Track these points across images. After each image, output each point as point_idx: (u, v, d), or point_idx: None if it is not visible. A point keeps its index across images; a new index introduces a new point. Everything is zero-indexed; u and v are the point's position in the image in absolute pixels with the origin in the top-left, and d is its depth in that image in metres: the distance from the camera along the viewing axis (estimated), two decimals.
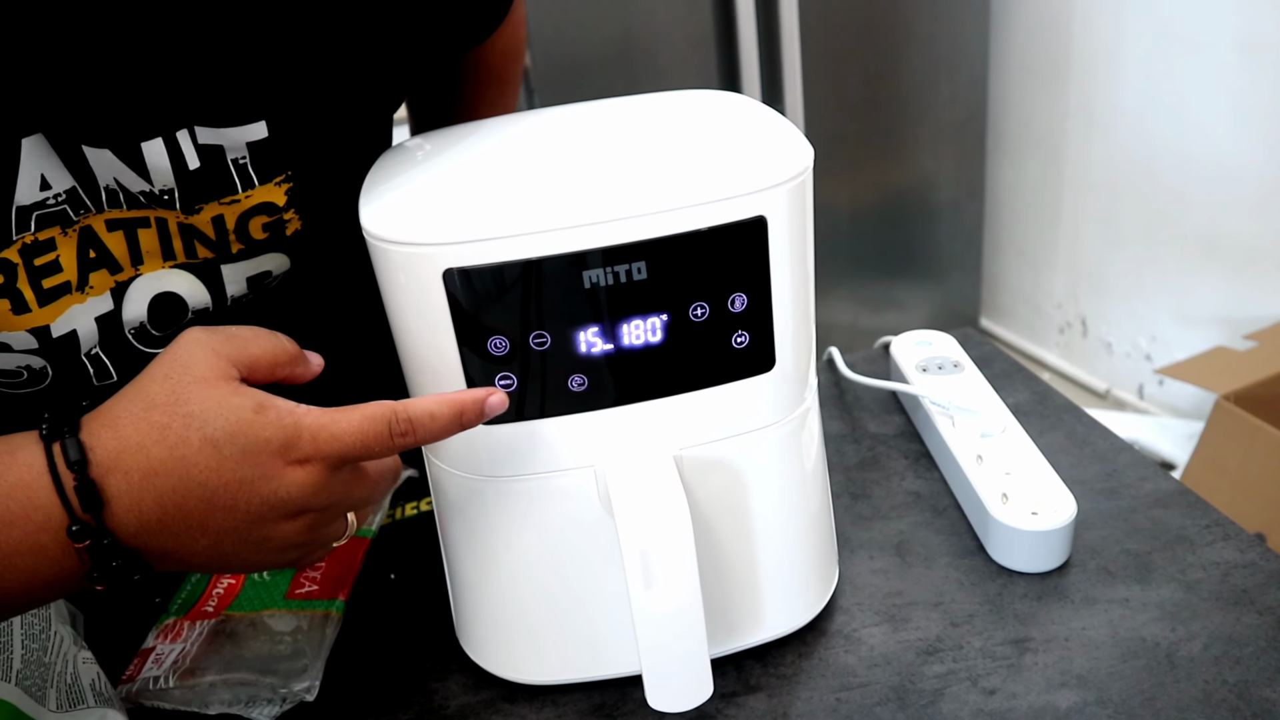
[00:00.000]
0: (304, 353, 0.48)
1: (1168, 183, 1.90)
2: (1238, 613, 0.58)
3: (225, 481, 0.42)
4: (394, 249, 0.46)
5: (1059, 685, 0.54)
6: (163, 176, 0.50)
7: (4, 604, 0.42)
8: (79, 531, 0.41)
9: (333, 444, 0.43)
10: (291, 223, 0.56)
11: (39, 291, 0.49)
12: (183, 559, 0.44)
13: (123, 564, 0.42)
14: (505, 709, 0.57)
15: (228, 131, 0.51)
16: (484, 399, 0.47)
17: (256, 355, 0.46)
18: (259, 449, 0.42)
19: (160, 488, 0.42)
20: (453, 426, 0.46)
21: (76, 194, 0.49)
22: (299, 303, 0.62)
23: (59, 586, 0.43)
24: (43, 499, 0.41)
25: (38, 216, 0.48)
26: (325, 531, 0.47)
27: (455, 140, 0.56)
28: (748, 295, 0.48)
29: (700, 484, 0.52)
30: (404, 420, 0.44)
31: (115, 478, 0.41)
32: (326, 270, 0.63)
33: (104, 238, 0.51)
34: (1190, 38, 1.78)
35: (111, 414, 0.42)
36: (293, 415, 0.43)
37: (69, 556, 0.42)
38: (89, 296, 0.52)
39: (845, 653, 0.58)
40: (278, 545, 0.45)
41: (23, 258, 0.49)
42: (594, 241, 0.45)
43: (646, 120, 0.56)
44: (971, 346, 0.85)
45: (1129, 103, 1.92)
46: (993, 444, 0.68)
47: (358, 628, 0.63)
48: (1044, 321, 2.32)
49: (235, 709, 0.58)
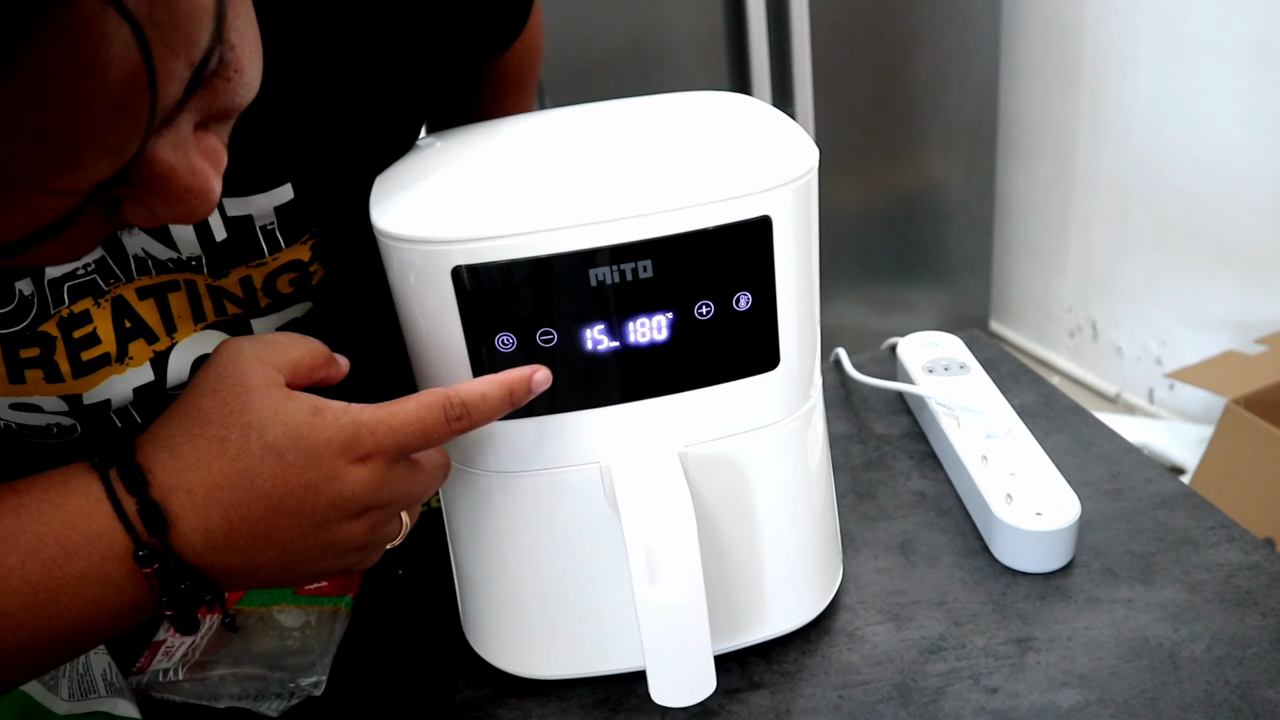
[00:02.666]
0: (334, 354, 0.49)
1: (1179, 186, 1.89)
2: (1241, 614, 0.58)
3: (290, 488, 0.42)
4: (404, 247, 0.47)
5: (1061, 685, 0.54)
6: (189, 246, 0.50)
7: (72, 639, 0.42)
8: (146, 556, 0.40)
9: (391, 436, 0.43)
10: (316, 274, 0.56)
11: (76, 364, 0.49)
12: (250, 572, 0.43)
13: (192, 585, 0.42)
14: (511, 703, 0.57)
15: (255, 199, 0.51)
16: (530, 375, 0.47)
17: (296, 359, 0.46)
18: (321, 450, 0.42)
19: (225, 501, 0.41)
20: (504, 405, 0.46)
21: (106, 263, 0.49)
22: (323, 333, 0.62)
23: (127, 615, 0.42)
24: (104, 525, 0.40)
25: (70, 288, 0.48)
26: (384, 531, 0.47)
27: (465, 139, 0.56)
28: (752, 294, 0.49)
29: (705, 481, 0.53)
30: (458, 404, 0.45)
31: (178, 496, 0.41)
32: (348, 302, 0.63)
33: (137, 307, 0.51)
34: (1202, 41, 1.77)
35: (165, 434, 0.42)
36: (349, 413, 0.43)
37: (137, 583, 0.41)
38: (129, 367, 0.51)
39: (848, 650, 0.58)
40: (341, 548, 0.45)
41: (61, 330, 0.48)
42: (601, 240, 0.46)
43: (653, 120, 0.56)
44: (978, 348, 0.85)
45: (1140, 106, 1.92)
46: (998, 445, 0.68)
47: (366, 623, 0.64)
48: (1054, 325, 2.31)
49: (244, 703, 0.58)
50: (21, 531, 0.40)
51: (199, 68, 0.32)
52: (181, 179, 0.34)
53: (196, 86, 0.33)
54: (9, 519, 0.40)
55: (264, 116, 0.45)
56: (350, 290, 0.60)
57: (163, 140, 0.33)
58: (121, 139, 0.30)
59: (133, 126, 0.30)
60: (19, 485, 0.41)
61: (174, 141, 0.34)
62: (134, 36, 0.28)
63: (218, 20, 0.32)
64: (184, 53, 0.31)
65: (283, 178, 0.52)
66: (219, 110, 0.36)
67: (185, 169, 0.34)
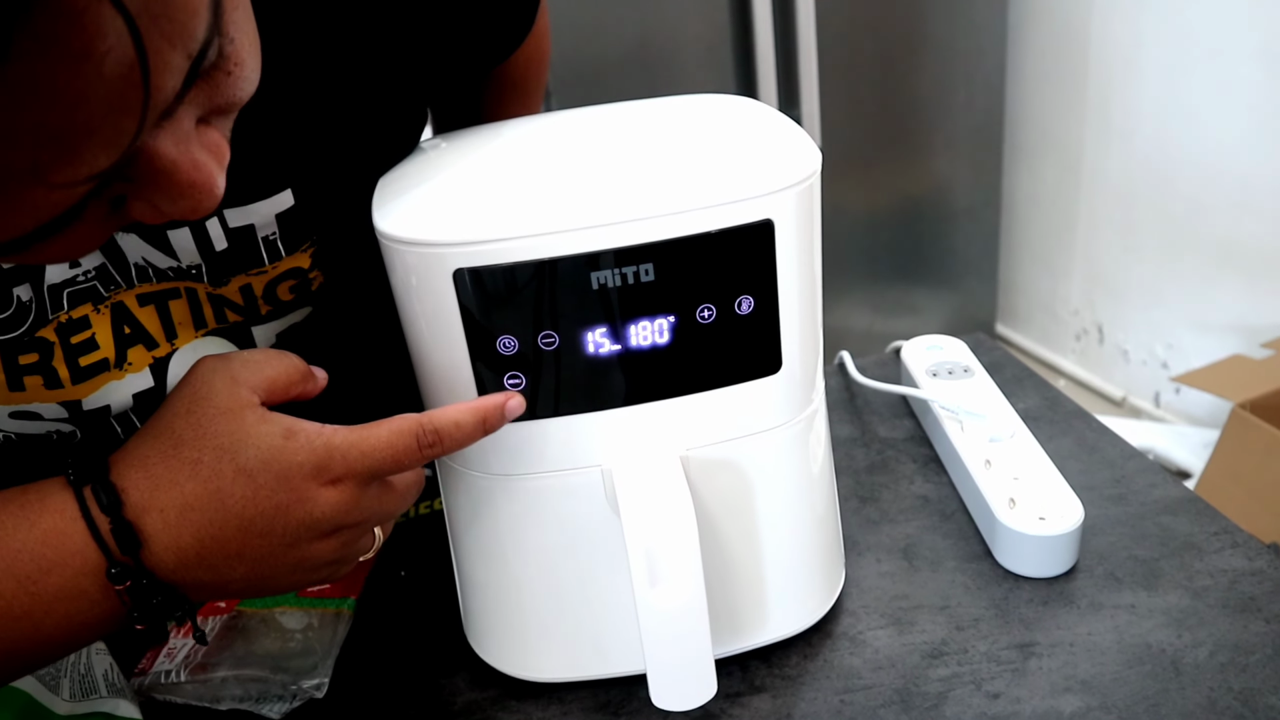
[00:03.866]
0: (311, 369, 0.49)
1: (1185, 190, 1.89)
2: (1245, 620, 0.57)
3: (262, 509, 0.42)
4: (406, 249, 0.47)
5: (1063, 690, 0.54)
6: (189, 256, 0.50)
7: (46, 650, 0.43)
8: (119, 574, 0.41)
9: (363, 461, 0.44)
10: (316, 280, 0.56)
11: (74, 369, 0.49)
12: (220, 587, 0.44)
13: (163, 600, 0.43)
14: (512, 706, 0.57)
15: (256, 208, 0.51)
16: (504, 403, 0.47)
17: (272, 377, 0.46)
18: (292, 474, 0.42)
19: (197, 522, 0.42)
20: (477, 433, 0.47)
21: (106, 270, 0.49)
22: (321, 338, 0.62)
23: (99, 628, 0.43)
24: (79, 543, 0.41)
25: (69, 294, 0.48)
26: (355, 547, 0.47)
27: (468, 141, 0.56)
28: (754, 298, 0.49)
29: (706, 484, 0.53)
30: (430, 431, 0.45)
31: (151, 516, 0.41)
32: (348, 307, 0.63)
33: (136, 313, 0.51)
34: (1209, 45, 1.77)
35: (138, 454, 0.43)
36: (321, 436, 0.43)
37: (109, 599, 0.42)
38: (128, 373, 0.52)
39: (850, 655, 0.58)
40: (312, 565, 0.45)
41: (59, 336, 0.49)
42: (603, 243, 0.46)
43: (655, 124, 0.56)
44: (982, 352, 0.85)
45: (1147, 109, 1.92)
46: (1001, 449, 0.68)
47: (368, 625, 0.64)
48: (1060, 328, 2.31)
49: (246, 705, 0.58)
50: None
51: (197, 59, 0.32)
52: (184, 173, 0.35)
53: (195, 79, 0.33)
54: None
55: (265, 121, 0.45)
56: (350, 296, 0.60)
57: (164, 134, 0.33)
58: (119, 131, 0.31)
59: (130, 118, 0.30)
60: None
61: (176, 136, 0.34)
62: (127, 27, 0.28)
63: (214, 12, 0.32)
64: (180, 44, 0.31)
65: (283, 183, 0.52)
66: (220, 104, 0.36)
67: (188, 163, 0.35)
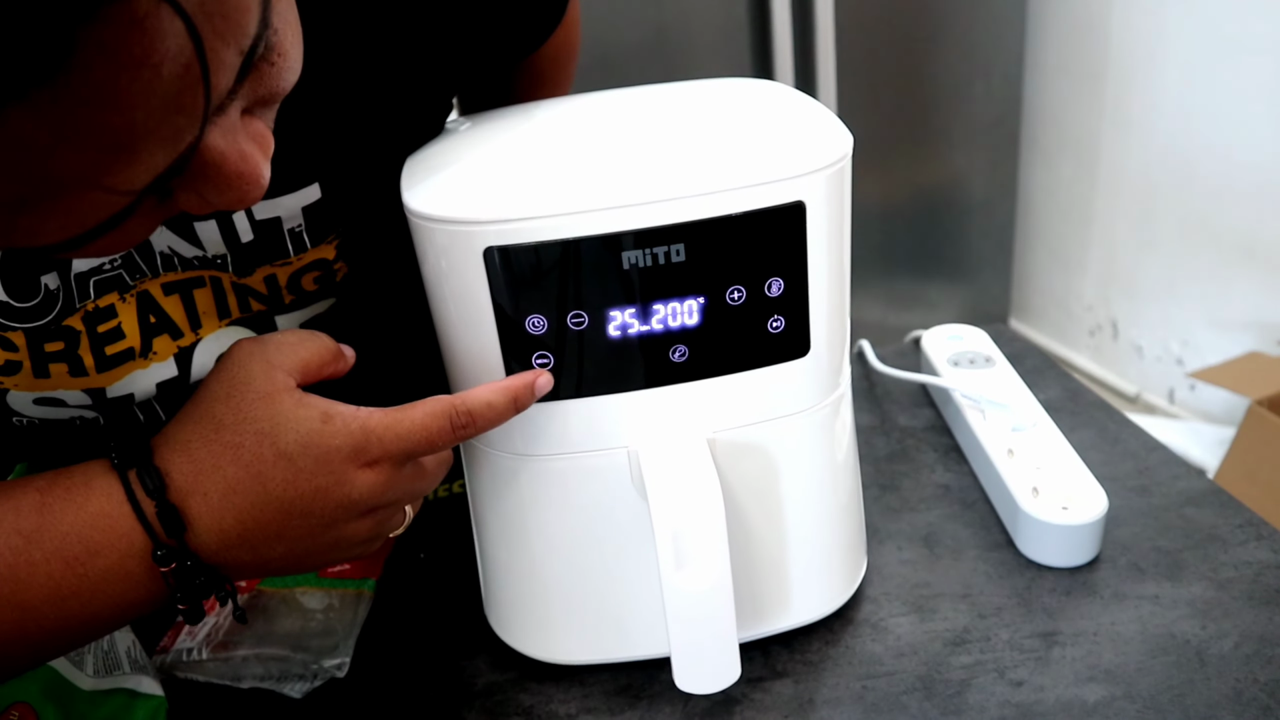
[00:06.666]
0: (341, 346, 0.50)
1: (1203, 185, 1.87)
2: (1270, 612, 0.57)
3: (301, 492, 0.43)
4: (436, 227, 0.47)
5: (1087, 679, 0.54)
6: (215, 246, 0.51)
7: (90, 629, 0.44)
8: (164, 556, 0.42)
9: (399, 443, 0.45)
10: (340, 271, 0.56)
11: (100, 358, 0.50)
12: (260, 566, 0.45)
13: (206, 581, 0.44)
14: (533, 688, 0.57)
15: (282, 200, 0.51)
16: (533, 381, 0.48)
17: (305, 359, 0.47)
18: (331, 457, 0.43)
19: (239, 505, 0.43)
20: (509, 412, 0.47)
21: (132, 258, 0.50)
22: (345, 327, 0.62)
23: (142, 607, 0.44)
24: (125, 526, 0.42)
25: (95, 282, 0.49)
26: (388, 524, 0.49)
27: (497, 122, 0.56)
28: (784, 280, 0.49)
29: (733, 468, 0.53)
30: (464, 413, 0.46)
31: (195, 500, 0.42)
32: (372, 296, 0.63)
33: (162, 302, 0.52)
34: (1229, 38, 1.75)
35: (180, 438, 0.44)
36: (358, 419, 0.44)
37: (154, 580, 0.43)
38: (153, 362, 0.52)
39: (872, 641, 0.58)
40: (348, 543, 0.47)
41: (85, 324, 0.49)
42: (633, 223, 0.46)
43: (686, 105, 0.56)
44: (1003, 342, 0.84)
45: (1165, 103, 1.90)
46: (1024, 438, 0.68)
47: (388, 606, 0.64)
48: (1074, 323, 2.30)
49: (267, 684, 0.58)
50: (46, 530, 0.41)
51: (249, 55, 0.32)
52: (232, 165, 0.35)
53: (246, 73, 0.33)
54: (33, 517, 0.41)
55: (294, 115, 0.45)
56: (374, 286, 0.60)
57: (213, 128, 0.34)
58: (177, 132, 0.31)
59: (188, 119, 0.31)
60: (40, 484, 0.42)
61: (224, 129, 0.34)
62: (186, 30, 0.28)
63: (264, 5, 0.32)
64: (234, 41, 0.31)
65: (311, 177, 0.52)
66: (265, 95, 0.36)
67: (235, 155, 0.35)
